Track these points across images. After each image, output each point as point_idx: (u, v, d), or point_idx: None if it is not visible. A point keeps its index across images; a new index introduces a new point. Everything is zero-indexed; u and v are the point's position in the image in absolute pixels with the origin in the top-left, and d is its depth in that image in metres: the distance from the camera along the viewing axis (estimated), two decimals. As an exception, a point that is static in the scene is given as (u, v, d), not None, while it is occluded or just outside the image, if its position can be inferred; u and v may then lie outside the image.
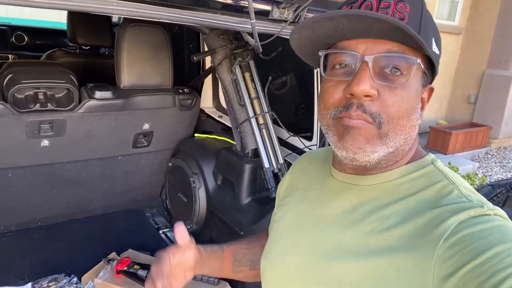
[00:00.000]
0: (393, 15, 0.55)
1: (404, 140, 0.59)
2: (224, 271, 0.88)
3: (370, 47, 0.56)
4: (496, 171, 4.99)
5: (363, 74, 0.55)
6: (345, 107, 0.57)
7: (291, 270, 0.67)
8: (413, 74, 0.56)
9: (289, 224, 0.74)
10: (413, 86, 0.57)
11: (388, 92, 0.56)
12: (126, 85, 1.87)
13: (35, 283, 1.61)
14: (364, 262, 0.57)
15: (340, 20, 0.54)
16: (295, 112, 1.90)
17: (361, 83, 0.55)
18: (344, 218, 0.63)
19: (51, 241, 1.93)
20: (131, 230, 2.10)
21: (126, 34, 1.81)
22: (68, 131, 1.81)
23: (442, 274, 0.49)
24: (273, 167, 1.64)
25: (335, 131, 0.60)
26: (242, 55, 1.68)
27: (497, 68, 5.48)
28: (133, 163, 2.14)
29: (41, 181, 1.93)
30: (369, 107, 0.55)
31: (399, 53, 0.55)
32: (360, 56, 0.56)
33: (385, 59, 0.56)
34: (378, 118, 0.56)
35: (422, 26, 0.56)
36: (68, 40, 2.53)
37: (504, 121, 5.52)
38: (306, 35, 0.60)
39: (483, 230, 0.50)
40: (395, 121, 0.56)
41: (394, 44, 0.55)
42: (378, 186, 0.62)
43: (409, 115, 0.57)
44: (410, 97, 0.57)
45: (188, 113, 2.11)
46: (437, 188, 0.58)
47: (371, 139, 0.57)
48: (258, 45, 1.06)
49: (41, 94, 1.68)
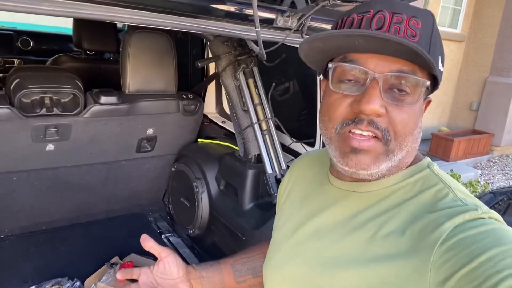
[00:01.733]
0: (405, 31, 0.55)
1: (407, 153, 0.61)
2: (227, 283, 0.88)
3: (382, 64, 0.56)
4: (498, 178, 4.99)
5: (373, 93, 0.55)
6: (354, 121, 0.57)
7: (292, 278, 0.68)
8: (421, 94, 0.57)
9: (289, 232, 0.74)
10: (419, 104, 0.59)
11: (396, 110, 0.56)
12: (131, 91, 1.89)
13: (38, 286, 1.62)
14: (364, 270, 0.58)
15: (357, 39, 0.54)
16: (298, 118, 1.92)
17: (371, 102, 0.55)
18: (344, 226, 0.64)
19: (55, 245, 1.94)
20: (134, 235, 2.09)
21: (132, 40, 1.84)
22: (73, 136, 1.83)
23: (438, 278, 0.50)
24: (275, 173, 1.65)
25: (339, 147, 0.60)
26: (246, 62, 1.70)
27: (499, 75, 5.50)
28: (136, 167, 2.15)
29: (45, 185, 1.95)
30: (379, 123, 0.56)
31: (410, 73, 0.56)
32: (372, 74, 0.56)
33: (396, 78, 0.56)
34: (386, 135, 0.57)
35: (432, 45, 0.57)
36: (74, 45, 2.57)
37: (506, 128, 5.53)
38: (316, 46, 0.60)
39: (477, 234, 0.51)
40: (402, 138, 0.58)
41: (405, 62, 0.56)
42: (376, 193, 0.63)
43: (413, 131, 0.59)
44: (415, 115, 0.58)
45: (192, 118, 2.13)
46: (433, 191, 0.59)
47: (378, 158, 0.58)
48: (263, 52, 1.08)
49: (47, 98, 1.70)
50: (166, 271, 0.83)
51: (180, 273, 0.83)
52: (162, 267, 0.83)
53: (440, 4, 5.39)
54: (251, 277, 0.90)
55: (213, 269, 0.88)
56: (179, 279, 0.82)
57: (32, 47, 3.47)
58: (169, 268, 0.82)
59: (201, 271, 0.87)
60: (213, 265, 0.89)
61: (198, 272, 0.86)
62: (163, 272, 0.83)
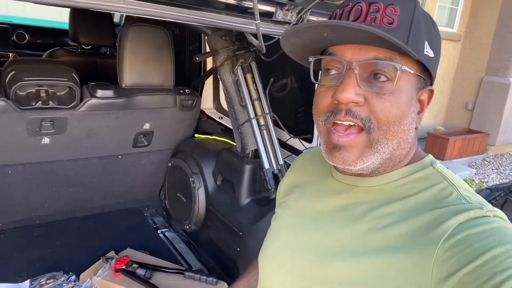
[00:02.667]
0: (381, 19, 0.55)
1: (398, 145, 0.59)
2: None
3: (357, 53, 0.56)
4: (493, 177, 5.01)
5: (349, 81, 0.56)
6: (333, 113, 0.58)
7: (288, 268, 0.68)
8: (399, 80, 0.56)
9: (287, 222, 0.74)
10: (404, 91, 0.57)
11: (376, 98, 0.56)
12: (128, 85, 1.88)
13: (33, 280, 1.61)
14: (362, 261, 0.57)
15: (323, 29, 0.55)
16: (296, 114, 1.92)
17: (345, 91, 0.55)
18: (342, 217, 0.64)
19: (50, 239, 1.93)
20: (130, 230, 2.10)
21: (129, 34, 1.82)
22: (69, 129, 1.81)
23: (441, 274, 0.50)
24: (273, 168, 1.65)
25: (325, 142, 0.61)
26: (244, 57, 1.69)
27: (495, 75, 5.52)
28: (133, 162, 2.14)
29: (41, 179, 1.93)
30: (357, 112, 0.56)
31: (387, 60, 0.55)
32: (347, 62, 0.57)
33: (371, 66, 0.56)
34: (367, 123, 0.56)
35: (413, 29, 0.56)
36: (70, 39, 2.54)
37: (502, 128, 5.56)
38: (294, 41, 0.61)
39: (482, 231, 0.50)
40: (386, 127, 0.57)
41: (381, 50, 0.55)
42: (377, 188, 0.63)
43: (400, 120, 0.57)
44: (400, 102, 0.57)
45: (189, 113, 2.12)
46: (437, 189, 0.59)
47: (362, 152, 0.58)
48: (262, 45, 1.08)
49: (43, 91, 1.68)
50: None
51: None
52: None
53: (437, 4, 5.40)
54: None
55: None
56: None
57: (28, 41, 3.43)
58: None
59: None
60: None
61: None
62: None
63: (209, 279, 1.65)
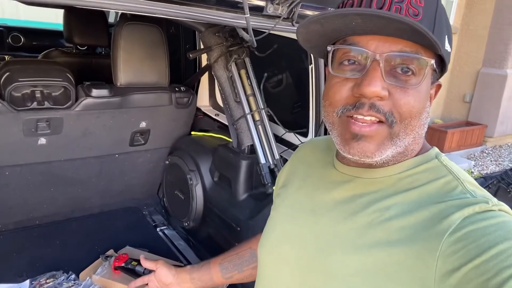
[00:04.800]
0: (407, 10, 0.53)
1: (413, 139, 0.58)
2: (215, 280, 1.01)
3: (382, 45, 0.54)
4: (491, 169, 5.02)
5: (374, 74, 0.53)
6: (355, 106, 0.55)
7: (286, 259, 0.67)
8: (425, 75, 0.55)
9: (286, 212, 0.73)
10: (424, 86, 0.56)
11: (399, 92, 0.54)
12: (123, 83, 1.88)
13: (33, 280, 1.61)
14: (362, 254, 0.56)
15: (354, 18, 0.52)
16: (291, 108, 1.92)
17: (372, 84, 0.53)
18: (342, 208, 0.63)
19: (49, 239, 1.93)
20: (129, 228, 2.10)
21: (123, 32, 1.83)
22: (65, 129, 1.82)
23: (446, 269, 0.49)
24: (269, 163, 1.66)
25: (340, 133, 0.59)
26: (238, 53, 1.70)
27: (492, 67, 5.52)
28: (130, 161, 2.15)
29: (38, 180, 1.94)
30: (381, 106, 0.54)
31: (413, 53, 0.54)
32: (372, 54, 0.54)
33: (398, 59, 0.54)
34: (390, 118, 0.55)
35: (437, 23, 0.54)
36: (65, 40, 2.54)
37: (499, 119, 5.56)
38: (314, 29, 0.58)
39: (488, 226, 0.49)
40: (407, 121, 0.55)
41: (407, 43, 0.53)
42: (380, 180, 0.61)
43: (420, 115, 0.56)
44: (421, 97, 0.56)
45: (185, 111, 2.12)
46: (441, 183, 0.57)
47: (382, 143, 0.56)
48: (253, 39, 1.08)
49: (38, 92, 1.69)
50: (159, 280, 1.06)
51: (168, 279, 1.04)
52: (158, 276, 1.06)
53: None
54: (237, 272, 0.97)
55: (203, 269, 1.02)
56: (171, 285, 1.03)
57: (23, 43, 3.44)
58: (160, 277, 1.05)
59: (192, 273, 1.03)
60: (204, 265, 1.03)
61: (189, 274, 1.03)
62: (158, 280, 1.06)
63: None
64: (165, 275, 1.04)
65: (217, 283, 1.01)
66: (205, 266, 1.02)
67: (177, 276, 1.03)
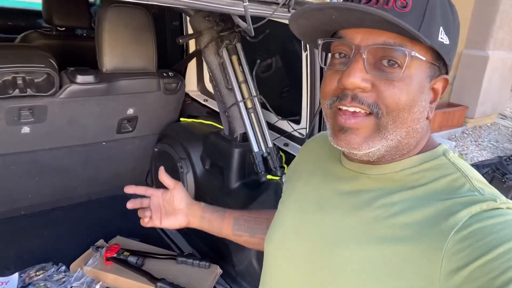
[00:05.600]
0: (394, 2, 0.53)
1: (406, 133, 0.57)
2: (224, 232, 0.96)
3: (367, 38, 0.54)
4: (471, 149, 5.15)
5: (355, 66, 0.54)
6: (339, 98, 0.56)
7: (293, 254, 0.67)
8: (408, 67, 0.54)
9: (293, 207, 0.74)
10: (414, 78, 0.55)
11: (384, 84, 0.54)
12: (109, 69, 1.81)
13: (22, 272, 1.58)
14: (367, 249, 0.56)
15: (330, 12, 0.53)
16: (284, 95, 1.90)
17: (351, 76, 0.54)
18: (349, 204, 0.63)
19: (36, 230, 1.89)
20: (118, 217, 2.06)
21: (108, 15, 1.75)
22: (50, 117, 1.75)
23: (451, 267, 0.49)
24: (262, 151, 1.64)
25: (331, 125, 0.60)
26: (229, 38, 1.65)
27: (474, 48, 5.58)
28: (117, 149, 2.10)
29: (23, 169, 1.88)
30: (364, 98, 0.55)
31: (396, 45, 0.53)
32: (355, 47, 0.55)
33: (380, 51, 0.54)
34: (375, 109, 0.55)
35: (427, 14, 0.53)
36: (44, 21, 2.42)
37: (480, 101, 5.67)
38: (302, 23, 0.59)
39: (495, 224, 0.49)
40: (395, 113, 0.55)
41: (391, 34, 0.53)
42: (386, 176, 0.61)
43: (410, 108, 0.55)
44: (410, 89, 0.55)
45: (173, 97, 2.07)
46: (448, 180, 0.57)
47: (369, 136, 0.56)
48: (251, 28, 1.04)
49: (20, 79, 1.61)
50: (170, 201, 0.95)
51: (180, 205, 0.95)
52: (168, 196, 0.96)
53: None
54: (248, 235, 0.94)
55: (216, 214, 0.96)
56: (179, 211, 0.95)
57: (-2, 24, 3.27)
58: (173, 199, 0.95)
59: (204, 212, 0.96)
60: (219, 211, 0.97)
61: (201, 211, 0.96)
62: (168, 200, 0.96)
63: (202, 263, 1.65)
64: (180, 199, 0.94)
65: (224, 234, 0.96)
66: (219, 212, 0.97)
67: (190, 206, 0.96)
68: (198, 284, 1.57)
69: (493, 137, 5.64)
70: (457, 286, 0.48)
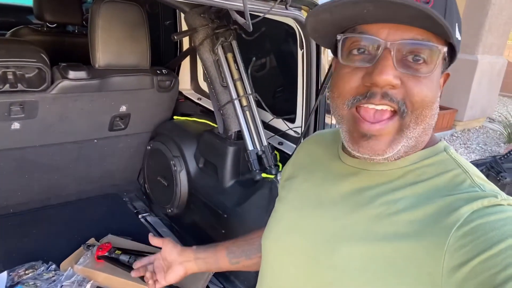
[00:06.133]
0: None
1: (423, 130, 0.57)
2: (221, 265, 0.97)
3: (394, 33, 0.52)
4: (460, 152, 5.22)
5: (386, 63, 0.52)
6: (366, 96, 0.54)
7: (292, 251, 0.66)
8: (437, 64, 0.54)
9: (291, 204, 0.72)
10: (436, 74, 0.55)
11: (412, 81, 0.53)
12: (102, 65, 1.79)
13: (11, 271, 1.54)
14: (370, 247, 0.56)
15: (365, 5, 0.50)
16: (279, 94, 1.89)
17: (384, 73, 0.52)
18: (349, 201, 0.62)
19: (25, 228, 1.85)
20: (109, 215, 2.04)
21: (101, 11, 1.72)
22: (41, 113, 1.72)
23: (453, 263, 0.48)
24: (257, 150, 1.63)
25: (349, 130, 0.57)
26: (225, 35, 1.64)
27: (464, 52, 5.66)
28: (109, 146, 2.07)
29: (12, 166, 1.84)
30: (394, 95, 0.53)
31: (425, 41, 0.52)
32: (383, 42, 0.52)
33: (410, 47, 0.53)
34: (402, 107, 0.54)
35: (447, 11, 0.53)
36: (35, 17, 2.38)
37: (469, 104, 5.75)
38: (323, 18, 0.56)
39: (496, 220, 0.49)
40: (419, 111, 0.54)
41: (419, 30, 0.52)
42: (387, 172, 0.61)
43: (432, 105, 0.55)
44: (434, 86, 0.55)
45: (167, 94, 2.06)
46: (450, 176, 0.57)
47: (393, 139, 0.55)
48: (249, 24, 1.03)
49: (10, 73, 1.58)
50: (164, 257, 1.01)
51: (171, 256, 0.99)
52: (163, 253, 1.01)
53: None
54: (244, 259, 0.94)
55: (209, 251, 0.99)
56: (174, 262, 0.98)
57: (-14, 19, 3.20)
58: (164, 254, 1.00)
59: (196, 253, 0.99)
60: (211, 247, 1.00)
61: (194, 254, 0.99)
62: (163, 258, 1.01)
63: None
64: (170, 252, 0.98)
65: (222, 267, 0.97)
66: (211, 248, 0.99)
67: (182, 254, 0.99)
68: (191, 283, 1.55)
69: (481, 140, 5.73)
70: (459, 282, 0.47)
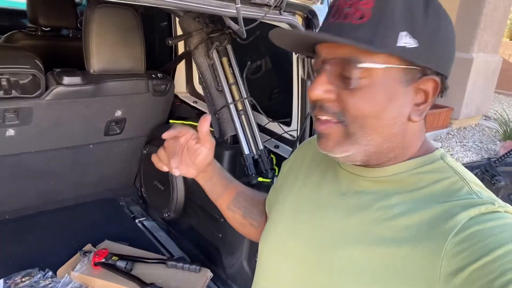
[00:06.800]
0: (353, 14, 0.54)
1: (383, 139, 0.57)
2: (220, 201, 0.89)
3: (330, 52, 0.57)
4: (457, 150, 5.23)
5: (319, 79, 0.57)
6: (313, 108, 0.61)
7: (290, 254, 0.67)
8: (368, 76, 0.54)
9: (289, 208, 0.73)
10: (379, 86, 0.55)
11: (346, 94, 0.56)
12: (96, 70, 1.78)
13: (7, 279, 1.54)
14: (367, 251, 0.56)
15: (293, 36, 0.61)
16: (274, 98, 1.89)
17: (314, 88, 0.57)
18: (347, 205, 0.63)
19: (21, 235, 1.84)
20: (106, 221, 2.04)
21: (95, 16, 1.72)
22: (35, 120, 1.71)
23: (450, 269, 0.49)
24: (253, 154, 1.63)
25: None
26: (219, 39, 1.64)
27: (459, 50, 5.67)
28: (105, 151, 2.06)
29: (7, 173, 1.83)
30: (330, 108, 0.58)
31: (346, 57, 0.55)
32: (321, 60, 0.58)
33: (337, 63, 0.56)
34: (341, 118, 0.57)
35: (384, 22, 0.52)
36: (29, 20, 2.37)
37: (465, 102, 5.76)
38: (284, 39, 0.62)
39: (493, 227, 0.49)
40: (362, 121, 0.56)
41: (347, 47, 0.54)
42: (384, 179, 0.62)
43: (379, 115, 0.55)
44: (375, 97, 0.55)
45: (162, 98, 2.05)
46: (447, 183, 0.57)
47: (339, 142, 0.59)
48: (243, 30, 1.04)
49: (4, 80, 1.57)
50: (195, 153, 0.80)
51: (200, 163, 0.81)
52: (196, 148, 0.80)
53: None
54: (240, 214, 0.90)
55: (222, 182, 0.88)
56: (195, 166, 0.81)
57: (-20, 23, 3.19)
58: (200, 154, 0.80)
59: (213, 175, 0.87)
60: (225, 179, 0.89)
61: (211, 173, 0.86)
62: (192, 151, 0.81)
63: (192, 267, 1.63)
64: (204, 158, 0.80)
65: (219, 203, 0.89)
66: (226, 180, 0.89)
67: (207, 166, 0.83)
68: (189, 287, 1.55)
69: (477, 138, 5.74)
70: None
